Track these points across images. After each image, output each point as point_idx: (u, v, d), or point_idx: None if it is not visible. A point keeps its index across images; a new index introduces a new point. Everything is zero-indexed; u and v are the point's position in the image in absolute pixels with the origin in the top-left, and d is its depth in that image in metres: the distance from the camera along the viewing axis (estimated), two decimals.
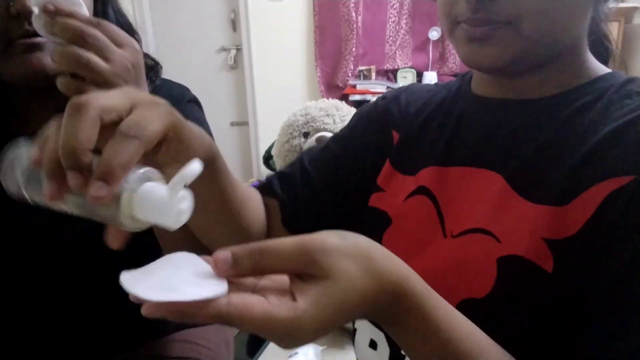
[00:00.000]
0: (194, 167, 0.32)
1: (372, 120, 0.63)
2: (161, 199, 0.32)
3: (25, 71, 0.59)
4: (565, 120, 0.46)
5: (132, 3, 3.24)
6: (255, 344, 1.32)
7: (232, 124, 3.59)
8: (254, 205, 0.60)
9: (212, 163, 0.46)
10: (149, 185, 0.33)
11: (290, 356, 1.25)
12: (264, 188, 0.64)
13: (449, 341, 0.35)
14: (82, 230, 0.65)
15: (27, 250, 0.65)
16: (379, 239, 0.54)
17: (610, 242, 0.38)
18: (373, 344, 0.53)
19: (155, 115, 0.36)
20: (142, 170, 0.34)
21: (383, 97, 0.65)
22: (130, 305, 0.28)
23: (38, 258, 0.65)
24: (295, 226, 0.62)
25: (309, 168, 0.63)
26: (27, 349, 0.69)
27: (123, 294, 0.28)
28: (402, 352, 0.49)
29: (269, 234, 0.62)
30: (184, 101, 0.74)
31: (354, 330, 0.57)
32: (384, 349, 0.52)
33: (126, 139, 0.32)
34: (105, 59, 0.47)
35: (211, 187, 0.48)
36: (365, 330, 0.55)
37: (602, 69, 0.49)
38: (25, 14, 0.56)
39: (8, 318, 0.68)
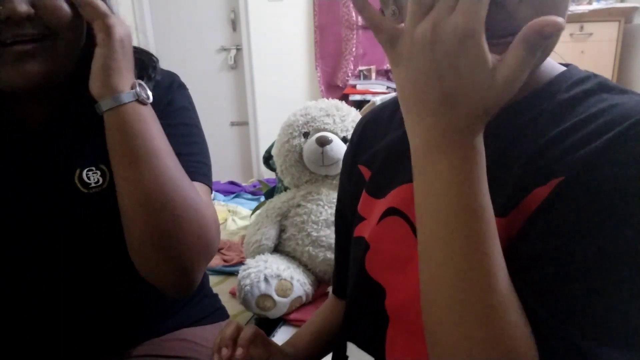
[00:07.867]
0: None
1: (347, 167, 0.66)
2: None
3: (17, 81, 0.57)
4: (516, 131, 0.45)
5: (132, 3, 3.25)
6: None
7: (232, 124, 3.59)
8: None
9: None
10: None
11: None
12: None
13: (479, 207, 0.36)
14: (80, 229, 0.65)
15: (24, 250, 0.65)
16: (361, 265, 0.55)
17: (539, 249, 0.38)
18: None
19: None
20: None
21: (352, 138, 0.67)
22: (130, 304, 0.28)
23: (37, 257, 0.65)
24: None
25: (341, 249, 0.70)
26: (26, 347, 0.69)
27: (123, 291, 0.28)
28: None
29: None
30: (173, 87, 0.73)
31: (346, 357, 0.57)
32: None
33: None
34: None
35: None
36: (355, 356, 0.56)
37: (553, 69, 0.47)
38: (15, 19, 0.54)
39: (7, 317, 0.68)
